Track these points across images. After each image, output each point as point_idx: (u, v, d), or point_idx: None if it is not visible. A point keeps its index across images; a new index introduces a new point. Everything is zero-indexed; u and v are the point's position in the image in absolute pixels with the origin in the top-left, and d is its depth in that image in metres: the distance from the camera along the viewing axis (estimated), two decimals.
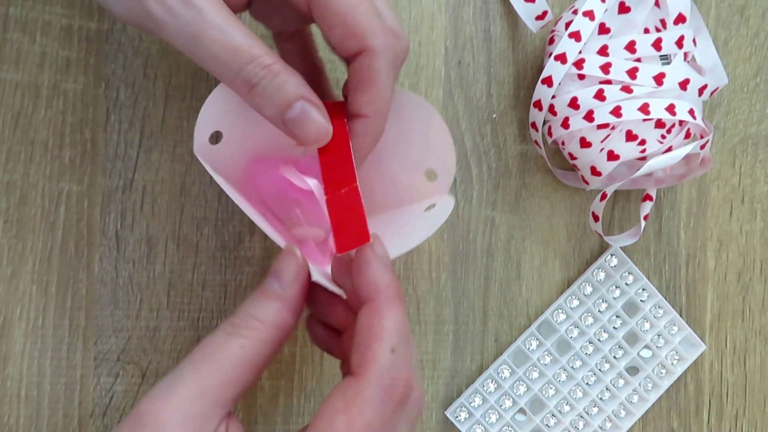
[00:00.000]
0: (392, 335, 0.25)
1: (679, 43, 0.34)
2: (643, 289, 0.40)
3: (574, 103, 0.34)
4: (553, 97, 0.35)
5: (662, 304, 0.40)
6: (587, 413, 0.39)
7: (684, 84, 0.34)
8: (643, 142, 0.34)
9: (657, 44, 0.33)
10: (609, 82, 0.34)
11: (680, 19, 0.34)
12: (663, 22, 0.34)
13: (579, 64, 0.34)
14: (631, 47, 0.33)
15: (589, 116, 0.34)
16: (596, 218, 0.37)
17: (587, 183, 0.37)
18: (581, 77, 0.34)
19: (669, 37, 0.33)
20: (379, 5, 0.27)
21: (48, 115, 0.35)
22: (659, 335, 0.40)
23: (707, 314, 0.41)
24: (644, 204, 0.39)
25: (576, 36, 0.34)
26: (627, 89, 0.33)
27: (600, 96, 0.34)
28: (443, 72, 0.38)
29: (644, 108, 0.33)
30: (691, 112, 0.34)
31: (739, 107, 0.41)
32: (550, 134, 0.37)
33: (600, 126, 0.34)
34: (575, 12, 0.35)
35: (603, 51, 0.34)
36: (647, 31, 0.34)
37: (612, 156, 0.35)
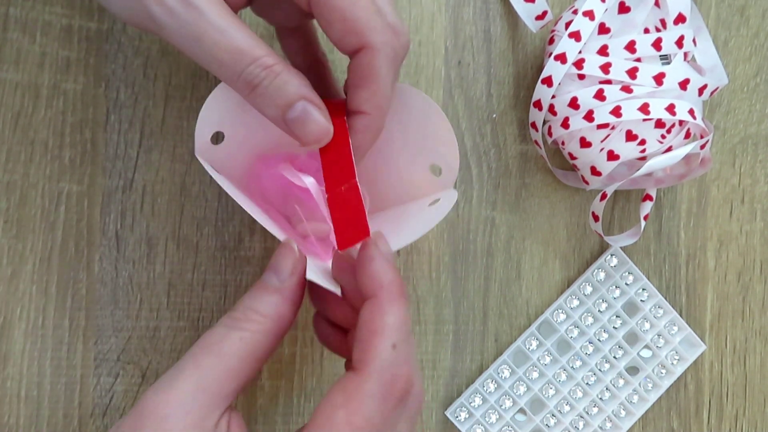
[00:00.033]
0: (394, 331, 0.25)
1: (679, 43, 0.34)
2: (643, 289, 0.40)
3: (574, 103, 0.34)
4: (553, 97, 0.35)
5: (662, 304, 0.40)
6: (587, 413, 0.39)
7: (684, 84, 0.34)
8: (643, 142, 0.34)
9: (657, 44, 0.33)
10: (609, 82, 0.34)
11: (680, 19, 0.34)
12: (663, 22, 0.34)
13: (579, 64, 0.34)
14: (631, 47, 0.33)
15: (589, 116, 0.34)
16: (596, 218, 0.37)
17: (587, 183, 0.37)
18: (581, 77, 0.34)
19: (669, 37, 0.33)
20: (379, 1, 0.27)
21: (48, 115, 0.35)
22: (659, 335, 0.40)
23: (707, 314, 0.41)
24: (644, 204, 0.39)
25: (576, 36, 0.34)
26: (627, 89, 0.33)
27: (600, 96, 0.34)
28: (443, 72, 0.38)
29: (644, 108, 0.33)
30: (691, 112, 0.34)
31: (739, 107, 0.41)
32: (550, 134, 0.37)
33: (600, 126, 0.34)
34: (575, 12, 0.35)
35: (603, 51, 0.34)
36: (647, 31, 0.34)
37: (612, 156, 0.35)
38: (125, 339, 0.36)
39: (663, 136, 0.34)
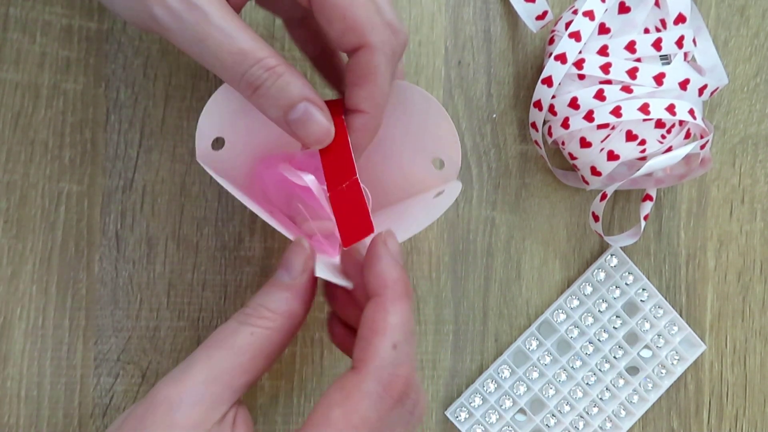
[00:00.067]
0: (395, 331, 0.25)
1: (679, 43, 0.34)
2: (643, 289, 0.40)
3: (574, 103, 0.34)
4: (553, 97, 0.35)
5: (662, 304, 0.40)
6: (587, 413, 0.39)
7: (684, 84, 0.34)
8: (643, 142, 0.34)
9: (657, 44, 0.33)
10: (609, 82, 0.34)
11: (680, 19, 0.34)
12: (663, 22, 0.34)
13: (579, 64, 0.34)
14: (631, 47, 0.33)
15: (589, 116, 0.34)
16: (596, 218, 0.37)
17: (587, 183, 0.37)
18: (581, 77, 0.34)
19: (669, 37, 0.33)
20: (378, 0, 0.27)
21: (48, 115, 0.35)
22: (659, 335, 0.40)
23: (707, 314, 0.41)
24: (644, 204, 0.39)
25: (576, 36, 0.34)
26: (627, 89, 0.33)
27: (600, 96, 0.34)
28: (443, 72, 0.38)
29: (644, 108, 0.33)
30: (691, 112, 0.34)
31: (739, 107, 0.41)
32: (550, 134, 0.37)
33: (600, 126, 0.34)
34: (575, 12, 0.35)
35: (603, 51, 0.34)
36: (647, 31, 0.34)
37: (612, 156, 0.35)
38: (125, 339, 0.36)
39: (663, 136, 0.34)
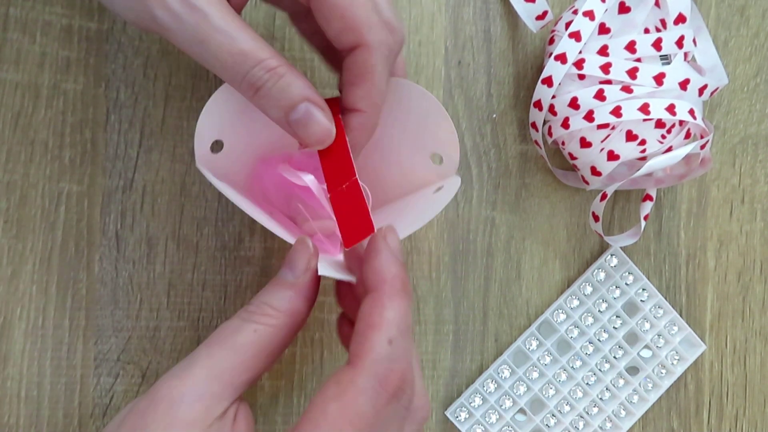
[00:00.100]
0: (391, 327, 0.25)
1: (679, 43, 0.34)
2: (643, 289, 0.40)
3: (574, 103, 0.34)
4: (553, 97, 0.35)
5: (662, 304, 0.40)
6: (587, 413, 0.39)
7: (684, 84, 0.34)
8: (643, 142, 0.34)
9: (657, 44, 0.33)
10: (609, 82, 0.34)
11: (680, 19, 0.34)
12: (663, 22, 0.34)
13: (579, 64, 0.34)
14: (631, 47, 0.33)
15: (589, 116, 0.34)
16: (596, 218, 0.37)
17: (587, 183, 0.37)
18: (581, 77, 0.34)
19: (669, 37, 0.33)
20: None
21: (48, 115, 0.35)
22: (659, 335, 0.40)
23: (707, 314, 0.41)
24: (644, 204, 0.39)
25: (576, 36, 0.34)
26: (627, 89, 0.33)
27: (600, 96, 0.34)
28: (443, 72, 0.38)
29: (644, 108, 0.33)
30: (691, 112, 0.34)
31: (739, 107, 0.41)
32: (550, 134, 0.37)
33: (600, 126, 0.34)
34: (575, 12, 0.35)
35: (603, 51, 0.34)
36: (647, 31, 0.34)
37: (612, 156, 0.35)
38: (125, 339, 0.36)
39: (663, 136, 0.34)
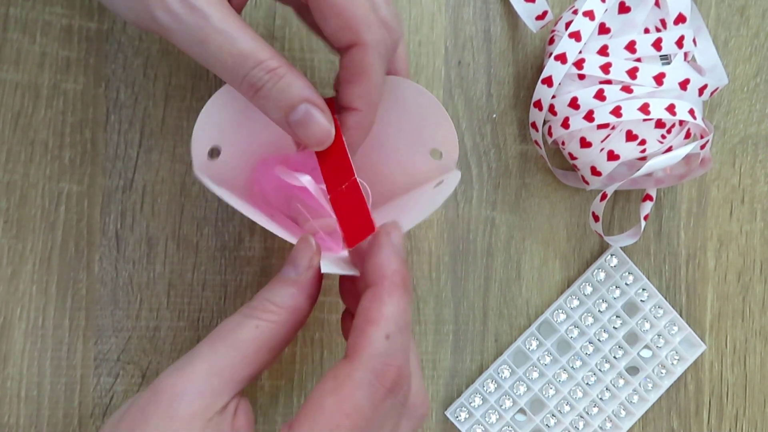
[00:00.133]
0: (390, 322, 0.25)
1: (679, 43, 0.34)
2: (643, 289, 0.40)
3: (574, 103, 0.34)
4: (553, 97, 0.35)
5: (662, 304, 0.40)
6: (587, 413, 0.39)
7: (684, 84, 0.34)
8: (643, 142, 0.34)
9: (657, 44, 0.33)
10: (609, 82, 0.34)
11: (680, 19, 0.34)
12: (663, 22, 0.34)
13: (579, 64, 0.34)
14: (631, 47, 0.33)
15: (589, 116, 0.34)
16: (596, 218, 0.37)
17: (587, 183, 0.37)
18: (581, 77, 0.34)
19: (669, 37, 0.33)
20: None
21: (48, 115, 0.35)
22: (659, 335, 0.40)
23: (707, 314, 0.41)
24: (644, 204, 0.39)
25: (576, 36, 0.34)
26: (627, 89, 0.33)
27: (600, 96, 0.34)
28: (443, 72, 0.38)
29: (644, 108, 0.33)
30: (691, 112, 0.34)
31: (739, 107, 0.41)
32: (550, 134, 0.37)
33: (600, 126, 0.34)
34: (575, 12, 0.35)
35: (603, 51, 0.34)
36: (647, 31, 0.34)
37: (612, 156, 0.35)
38: (125, 339, 0.36)
39: (663, 136, 0.34)
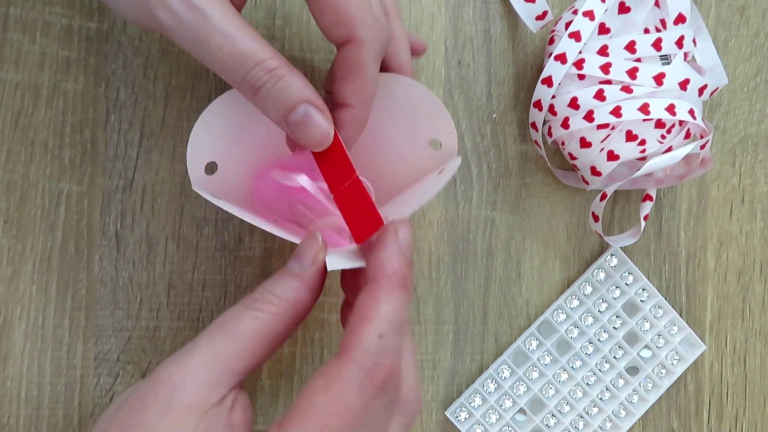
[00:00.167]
0: (384, 321, 0.24)
1: (679, 43, 0.34)
2: (643, 289, 0.40)
3: (574, 103, 0.34)
4: (553, 97, 0.35)
5: (662, 304, 0.40)
6: (587, 413, 0.39)
7: (684, 84, 0.34)
8: (643, 142, 0.34)
9: (657, 44, 0.33)
10: (609, 82, 0.34)
11: (680, 19, 0.34)
12: (663, 22, 0.34)
13: (579, 64, 0.34)
14: (631, 47, 0.33)
15: (589, 116, 0.34)
16: (596, 218, 0.37)
17: (587, 183, 0.37)
18: (581, 77, 0.34)
19: (669, 37, 0.33)
20: None
21: (48, 115, 0.35)
22: (659, 335, 0.40)
23: (707, 314, 0.41)
24: (644, 204, 0.39)
25: (576, 36, 0.34)
26: (627, 89, 0.33)
27: (600, 96, 0.34)
28: (443, 72, 0.38)
29: (644, 108, 0.33)
30: (691, 112, 0.34)
31: (739, 107, 0.41)
32: (550, 134, 0.37)
33: (600, 126, 0.34)
34: (575, 12, 0.35)
35: (603, 51, 0.34)
36: (647, 31, 0.34)
37: (612, 156, 0.35)
38: (125, 339, 0.36)
39: (663, 137, 0.34)
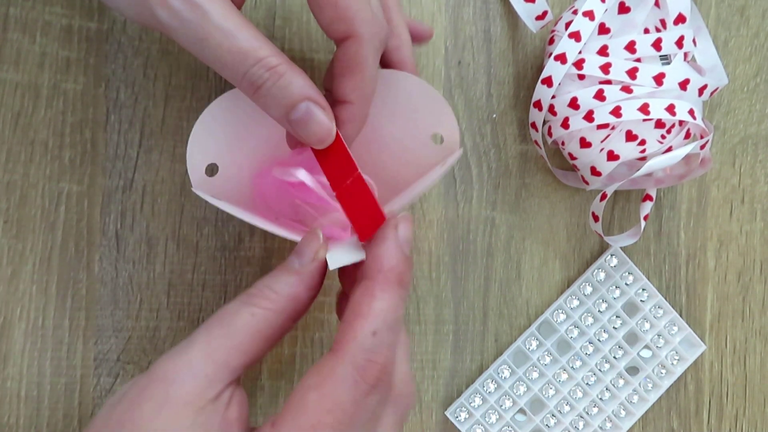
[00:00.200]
0: (378, 318, 0.24)
1: (679, 43, 0.34)
2: (643, 289, 0.40)
3: (574, 103, 0.34)
4: (553, 97, 0.35)
5: (662, 304, 0.40)
6: (587, 413, 0.39)
7: (684, 84, 0.34)
8: (643, 142, 0.34)
9: (657, 44, 0.33)
10: (609, 82, 0.34)
11: (680, 19, 0.34)
12: (663, 22, 0.34)
13: (579, 64, 0.34)
14: (631, 47, 0.33)
15: (589, 116, 0.34)
16: (596, 218, 0.37)
17: (587, 183, 0.37)
18: (581, 77, 0.34)
19: (669, 37, 0.33)
20: None
21: (48, 115, 0.35)
22: (659, 335, 0.40)
23: (707, 314, 0.41)
24: (644, 204, 0.39)
25: (576, 36, 0.34)
26: (627, 89, 0.33)
27: (600, 96, 0.34)
28: (443, 72, 0.38)
29: (644, 108, 0.33)
30: (691, 112, 0.34)
31: (739, 107, 0.41)
32: (550, 134, 0.37)
33: (600, 126, 0.34)
34: (575, 12, 0.35)
35: (603, 51, 0.34)
36: (647, 31, 0.34)
37: (612, 156, 0.35)
38: (125, 339, 0.36)
39: (663, 137, 0.34)
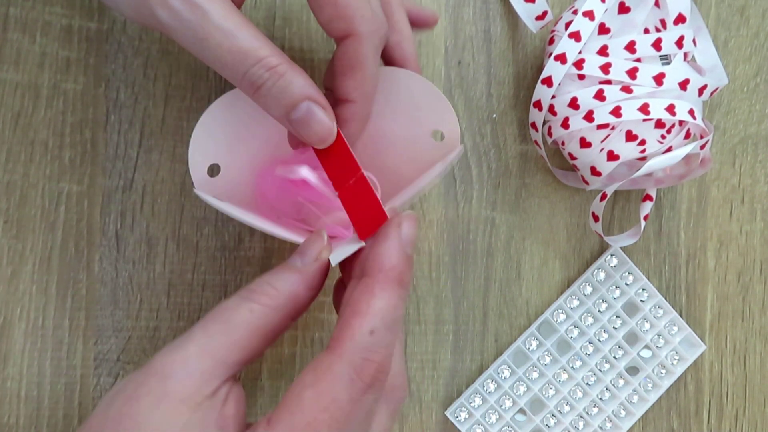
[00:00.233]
0: (376, 317, 0.24)
1: (679, 43, 0.34)
2: (643, 289, 0.40)
3: (574, 103, 0.34)
4: (553, 97, 0.35)
5: (662, 304, 0.40)
6: (587, 413, 0.39)
7: (684, 84, 0.34)
8: (643, 142, 0.34)
9: (657, 44, 0.33)
10: (609, 82, 0.34)
11: (680, 19, 0.34)
12: (663, 22, 0.34)
13: (579, 64, 0.34)
14: (631, 47, 0.33)
15: (589, 116, 0.34)
16: (596, 218, 0.37)
17: (587, 183, 0.37)
18: (581, 77, 0.34)
19: (669, 37, 0.33)
20: None
21: (48, 115, 0.35)
22: (659, 335, 0.40)
23: (707, 314, 0.41)
24: (644, 204, 0.39)
25: (576, 36, 0.34)
26: (627, 89, 0.33)
27: (600, 96, 0.34)
28: (443, 72, 0.38)
29: (644, 108, 0.33)
30: (691, 112, 0.34)
31: (739, 107, 0.41)
32: (550, 134, 0.37)
33: (600, 126, 0.34)
34: (575, 12, 0.35)
35: (603, 51, 0.34)
36: (647, 31, 0.34)
37: (612, 156, 0.35)
38: (125, 339, 0.36)
39: (663, 137, 0.34)
